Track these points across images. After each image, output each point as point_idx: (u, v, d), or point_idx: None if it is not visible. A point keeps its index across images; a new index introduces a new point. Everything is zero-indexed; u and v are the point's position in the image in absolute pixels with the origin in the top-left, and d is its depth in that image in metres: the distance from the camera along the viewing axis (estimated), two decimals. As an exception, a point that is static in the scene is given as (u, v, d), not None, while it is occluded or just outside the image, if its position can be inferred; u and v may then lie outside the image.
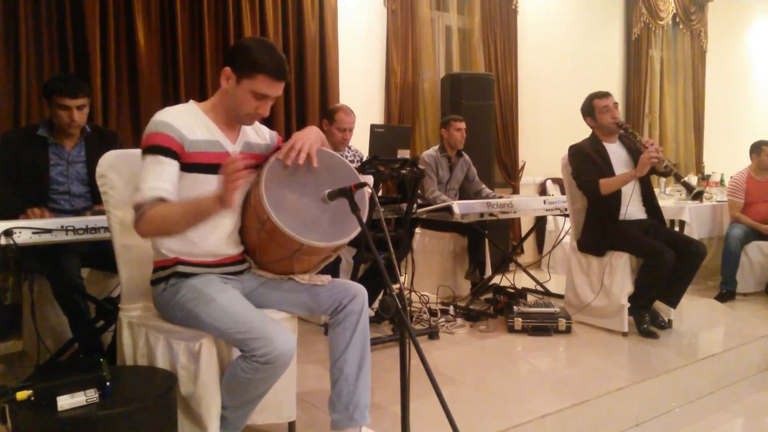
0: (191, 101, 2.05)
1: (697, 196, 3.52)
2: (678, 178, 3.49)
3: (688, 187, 3.50)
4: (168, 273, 1.99)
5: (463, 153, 4.64)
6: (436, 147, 4.57)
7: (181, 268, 1.98)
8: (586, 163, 3.68)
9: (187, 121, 1.93)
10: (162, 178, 1.84)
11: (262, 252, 2.07)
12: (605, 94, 3.73)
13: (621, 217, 3.63)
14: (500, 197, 4.41)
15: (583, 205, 3.89)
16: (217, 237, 2.02)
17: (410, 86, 5.40)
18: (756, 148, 5.02)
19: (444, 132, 4.53)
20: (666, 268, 3.41)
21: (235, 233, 2.08)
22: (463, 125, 4.48)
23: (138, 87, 3.98)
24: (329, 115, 3.92)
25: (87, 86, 2.92)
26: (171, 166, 1.87)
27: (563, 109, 6.75)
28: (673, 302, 3.65)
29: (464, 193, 4.66)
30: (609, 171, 3.63)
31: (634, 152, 3.69)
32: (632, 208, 3.67)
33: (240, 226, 2.09)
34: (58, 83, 2.82)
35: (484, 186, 4.67)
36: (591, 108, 3.73)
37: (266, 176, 1.95)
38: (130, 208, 1.88)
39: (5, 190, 2.84)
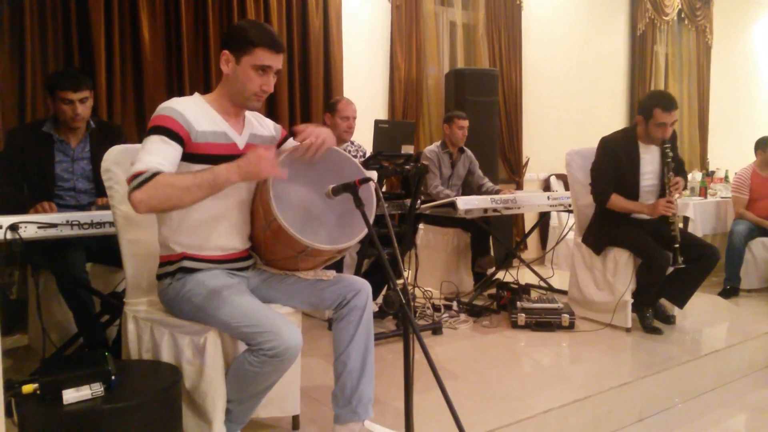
0: (196, 94, 2.05)
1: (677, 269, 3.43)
2: (673, 241, 3.40)
3: (676, 255, 3.38)
4: (174, 268, 1.99)
5: (465, 149, 4.64)
6: (438, 143, 4.57)
7: (187, 264, 1.99)
8: (610, 166, 3.55)
9: (193, 111, 1.93)
10: (164, 155, 1.82)
11: (267, 249, 2.08)
12: (672, 107, 3.41)
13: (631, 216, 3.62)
14: (499, 190, 4.42)
15: (587, 200, 3.87)
16: (226, 230, 2.03)
17: (414, 82, 5.40)
18: (762, 144, 4.99)
19: (446, 128, 4.52)
20: (659, 271, 3.40)
21: (243, 226, 2.07)
22: (465, 123, 4.47)
23: (143, 81, 3.99)
24: (330, 108, 3.94)
25: (89, 79, 2.91)
26: (174, 148, 1.86)
27: (567, 105, 6.74)
28: (681, 302, 3.64)
29: (467, 188, 4.66)
30: (633, 176, 3.55)
31: (665, 155, 3.56)
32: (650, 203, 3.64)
33: (249, 220, 2.09)
34: (60, 78, 2.83)
35: (486, 180, 4.67)
36: (650, 113, 3.44)
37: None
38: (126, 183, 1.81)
39: (11, 186, 2.85)
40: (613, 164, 3.57)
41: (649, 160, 3.62)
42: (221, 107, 2.02)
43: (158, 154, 1.81)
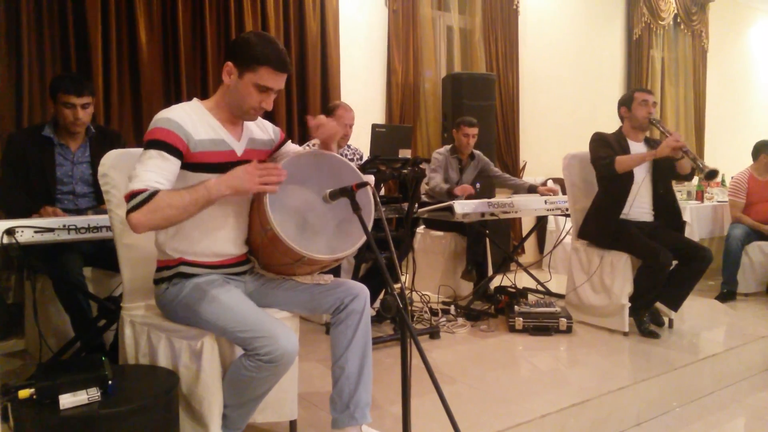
0: (195, 99, 2.04)
1: (711, 175, 3.39)
2: (694, 161, 3.42)
3: (702, 168, 3.38)
4: (171, 273, 1.99)
5: (476, 154, 4.61)
6: (449, 146, 4.56)
7: (184, 269, 1.98)
8: (605, 148, 3.63)
9: (192, 119, 1.92)
10: (163, 173, 1.81)
11: (264, 254, 2.07)
12: (648, 91, 3.69)
13: (625, 214, 3.62)
14: (523, 182, 4.57)
15: (584, 204, 3.89)
16: (223, 237, 2.02)
17: (411, 86, 5.41)
18: (763, 148, 4.98)
19: (454, 133, 4.52)
20: (662, 270, 3.41)
21: (240, 233, 2.07)
22: (471, 131, 4.42)
23: (140, 85, 3.98)
24: (329, 113, 3.93)
25: (92, 85, 2.95)
26: (173, 164, 1.85)
27: (564, 109, 6.76)
28: (675, 305, 3.65)
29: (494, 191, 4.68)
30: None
31: (652, 122, 3.66)
32: (639, 209, 3.65)
33: (246, 226, 2.09)
34: (64, 82, 2.85)
35: (507, 176, 4.74)
36: (630, 98, 3.69)
37: None
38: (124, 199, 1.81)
39: (14, 189, 2.85)
40: (610, 148, 3.63)
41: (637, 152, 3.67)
42: (220, 114, 2.01)
43: (156, 171, 1.80)
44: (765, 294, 4.79)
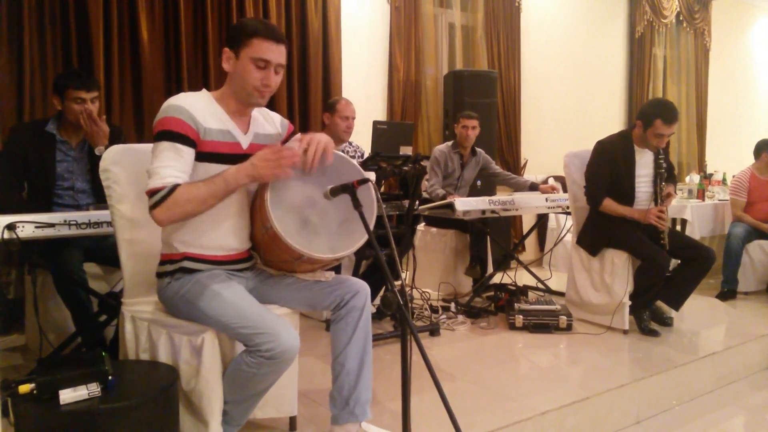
0: (204, 90, 2.05)
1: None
2: (663, 248, 3.47)
3: (664, 244, 3.49)
4: (174, 268, 1.99)
5: (478, 151, 4.60)
6: (450, 142, 4.56)
7: (187, 264, 1.98)
8: (605, 170, 3.58)
9: (200, 108, 1.93)
10: (179, 166, 1.83)
11: (265, 251, 2.07)
12: (673, 121, 3.44)
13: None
14: (525, 180, 4.57)
15: (584, 203, 3.88)
16: (229, 228, 2.02)
17: (413, 83, 5.41)
18: (765, 147, 4.98)
19: (455, 128, 4.52)
20: (660, 272, 3.41)
21: (244, 226, 2.07)
22: (470, 123, 4.40)
23: (141, 82, 3.99)
24: (329, 108, 3.93)
25: (96, 79, 2.95)
26: (188, 154, 1.87)
27: (566, 107, 6.75)
28: (676, 305, 3.64)
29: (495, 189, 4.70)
30: (629, 179, 3.57)
31: (658, 165, 3.62)
32: (640, 208, 3.64)
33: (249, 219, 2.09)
34: (72, 78, 2.84)
35: (508, 174, 4.75)
36: (650, 122, 3.46)
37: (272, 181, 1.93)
38: (144, 195, 1.85)
39: (9, 185, 2.85)
40: (609, 168, 3.59)
41: (644, 163, 3.63)
42: (227, 106, 2.01)
43: (172, 165, 1.83)
44: (765, 293, 4.78)
